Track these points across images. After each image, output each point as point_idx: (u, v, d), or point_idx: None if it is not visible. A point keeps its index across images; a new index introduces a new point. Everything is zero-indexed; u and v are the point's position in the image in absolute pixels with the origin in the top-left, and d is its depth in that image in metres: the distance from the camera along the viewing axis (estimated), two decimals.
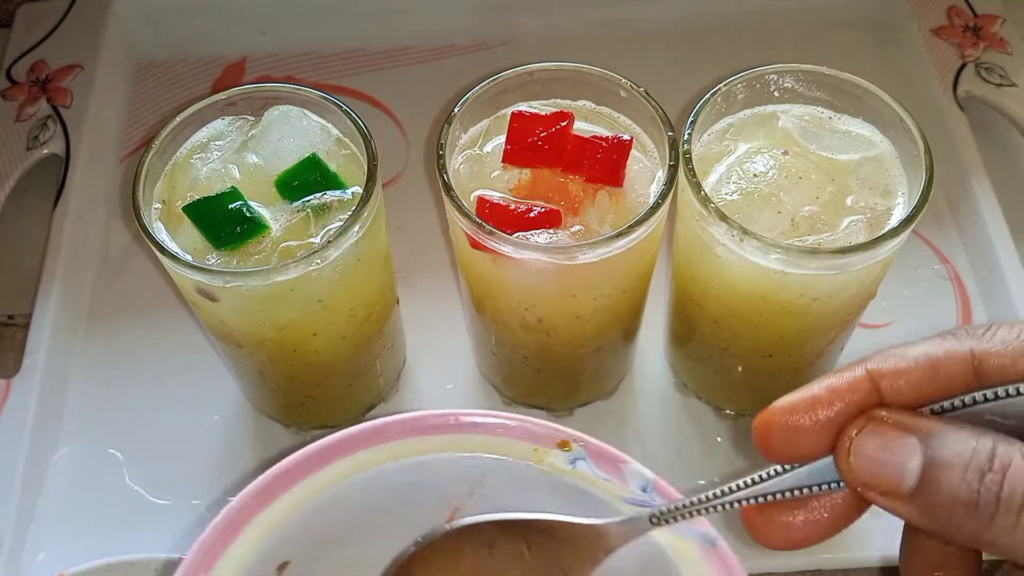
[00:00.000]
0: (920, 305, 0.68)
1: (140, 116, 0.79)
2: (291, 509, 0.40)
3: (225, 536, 0.39)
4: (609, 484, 0.41)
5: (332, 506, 0.41)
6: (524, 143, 0.50)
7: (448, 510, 0.44)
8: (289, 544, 0.40)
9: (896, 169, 0.51)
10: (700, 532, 0.39)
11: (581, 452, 0.42)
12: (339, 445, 0.41)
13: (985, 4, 0.79)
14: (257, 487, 0.40)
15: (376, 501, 0.42)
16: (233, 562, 0.39)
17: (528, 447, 0.42)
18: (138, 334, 0.68)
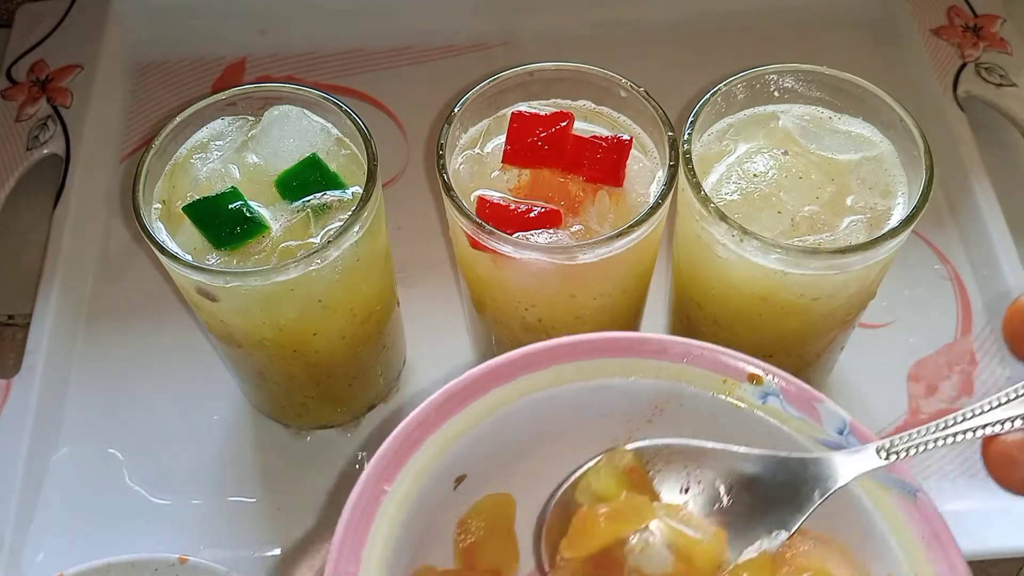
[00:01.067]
0: (920, 305, 0.68)
1: (140, 116, 0.79)
2: (472, 424, 0.40)
3: (406, 449, 0.39)
4: (802, 423, 0.40)
5: (510, 423, 0.41)
6: (524, 143, 0.50)
7: (624, 436, 0.43)
8: (467, 458, 0.40)
9: (896, 169, 0.51)
10: (901, 481, 0.38)
11: (773, 387, 0.40)
12: (522, 361, 0.41)
13: (985, 4, 0.79)
14: (438, 401, 0.40)
15: (553, 421, 0.41)
16: (414, 473, 0.38)
17: (717, 378, 0.41)
18: (138, 334, 0.68)
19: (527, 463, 0.42)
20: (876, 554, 0.38)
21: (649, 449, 0.41)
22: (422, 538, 0.39)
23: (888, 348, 0.66)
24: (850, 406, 0.63)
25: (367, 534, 0.36)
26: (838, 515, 0.39)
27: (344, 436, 0.64)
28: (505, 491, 0.43)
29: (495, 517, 0.43)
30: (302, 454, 0.63)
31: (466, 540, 0.42)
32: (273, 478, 0.62)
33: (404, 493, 0.38)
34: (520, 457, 0.42)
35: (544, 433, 0.42)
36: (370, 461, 0.38)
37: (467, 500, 0.42)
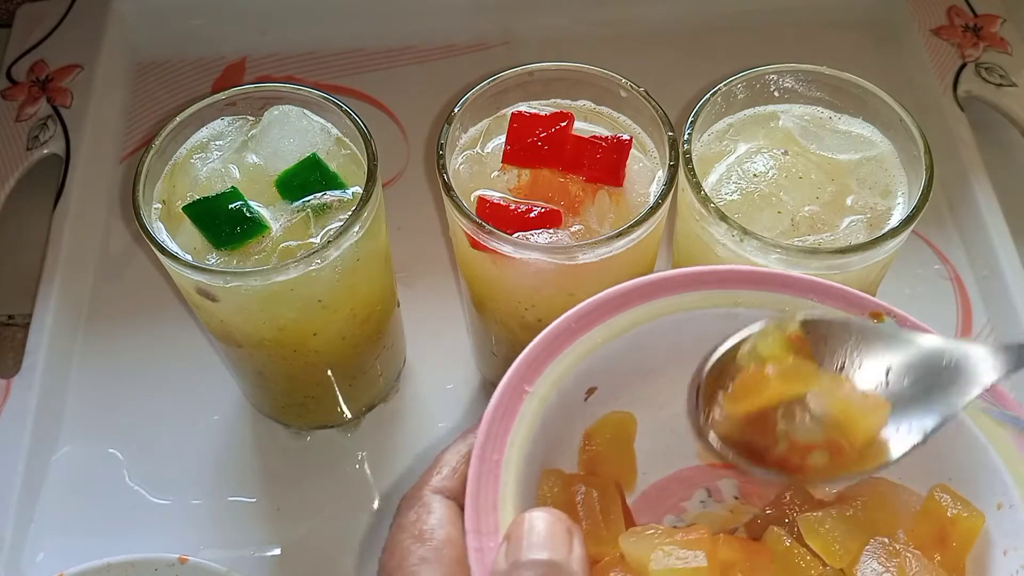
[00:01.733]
0: (920, 305, 0.68)
1: (140, 116, 0.79)
2: (610, 337, 0.41)
3: (547, 355, 0.40)
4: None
5: (644, 342, 0.42)
6: (524, 143, 0.50)
7: None
8: (601, 371, 0.42)
9: (896, 169, 0.51)
10: (1016, 418, 0.39)
11: (893, 326, 0.41)
12: (663, 284, 0.42)
13: (985, 4, 0.79)
14: (581, 311, 0.41)
15: (681, 345, 0.43)
16: (553, 379, 0.40)
17: (839, 314, 0.42)
18: (138, 334, 0.68)
19: (651, 385, 0.44)
20: (987, 484, 0.40)
21: (813, 322, 0.42)
22: (552, 443, 0.40)
23: None
24: None
25: (510, 427, 0.38)
26: (955, 447, 0.40)
27: (344, 436, 0.64)
28: (628, 410, 0.45)
29: (618, 433, 0.45)
30: (302, 454, 0.63)
31: (591, 451, 0.44)
32: (273, 478, 0.62)
33: (542, 396, 0.39)
34: (646, 378, 0.44)
35: (670, 356, 0.43)
36: (514, 362, 0.40)
37: (595, 413, 0.44)
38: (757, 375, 0.41)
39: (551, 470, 0.41)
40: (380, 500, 0.61)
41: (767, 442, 0.40)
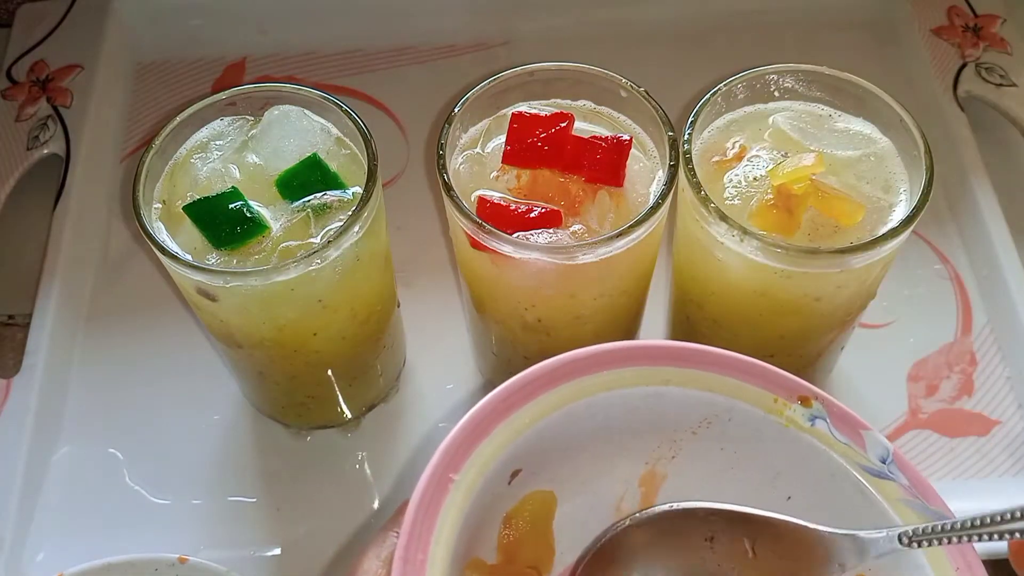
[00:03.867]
0: (920, 305, 0.68)
1: (140, 116, 0.79)
2: (537, 418, 0.40)
3: (473, 438, 0.39)
4: (847, 449, 0.40)
5: (570, 421, 0.41)
6: (524, 144, 0.50)
7: (669, 446, 0.43)
8: (526, 452, 0.40)
9: (897, 167, 0.51)
10: (939, 514, 0.38)
11: (821, 411, 0.40)
12: (590, 360, 0.41)
13: (985, 4, 0.79)
14: (505, 392, 0.40)
15: (607, 422, 0.42)
16: (479, 464, 0.38)
17: (769, 396, 0.41)
18: (138, 334, 0.68)
19: (574, 462, 0.43)
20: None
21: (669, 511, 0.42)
22: (475, 530, 0.39)
23: (888, 348, 0.66)
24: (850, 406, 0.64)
25: (434, 522, 0.36)
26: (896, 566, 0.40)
27: (344, 436, 0.64)
28: (549, 488, 0.44)
29: (537, 513, 0.43)
30: (302, 454, 0.63)
31: (509, 536, 0.42)
32: (273, 478, 0.62)
33: (468, 485, 0.38)
34: (569, 455, 0.43)
35: (596, 434, 0.42)
36: (439, 448, 0.38)
37: (516, 495, 0.42)
38: None
39: (473, 561, 0.40)
40: (380, 500, 0.61)
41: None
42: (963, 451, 0.62)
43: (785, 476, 0.42)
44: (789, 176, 0.48)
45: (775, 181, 0.49)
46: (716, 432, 0.42)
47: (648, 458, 0.44)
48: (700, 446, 0.43)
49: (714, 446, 0.42)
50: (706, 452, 0.43)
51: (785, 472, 0.42)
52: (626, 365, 0.41)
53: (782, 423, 0.41)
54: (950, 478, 0.61)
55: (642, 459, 0.44)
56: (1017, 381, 0.64)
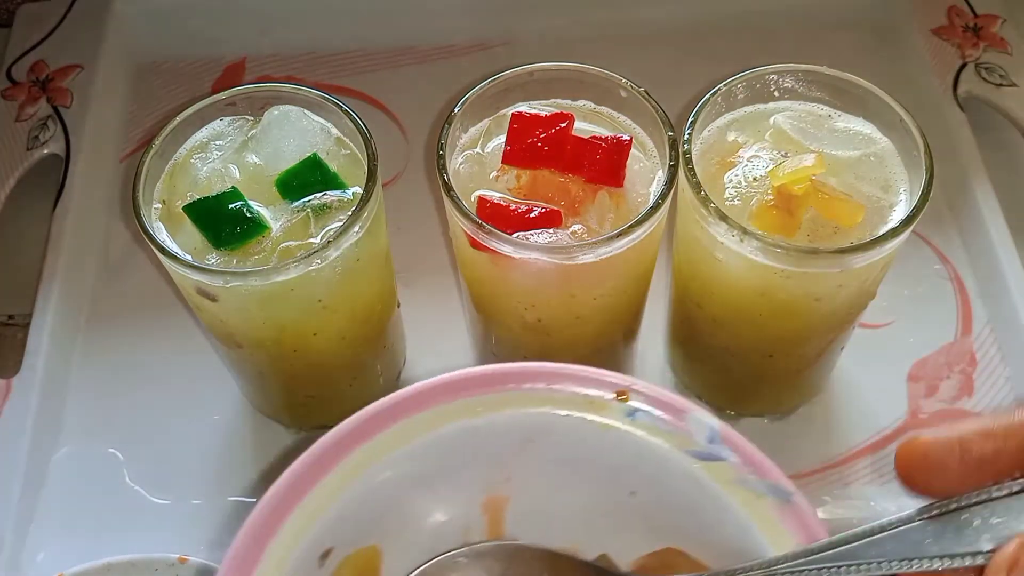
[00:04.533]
0: (920, 305, 0.68)
1: (140, 116, 0.79)
2: (328, 500, 0.37)
3: (261, 539, 0.37)
4: (672, 436, 0.38)
5: (372, 487, 0.39)
6: (524, 144, 0.50)
7: (500, 470, 0.41)
8: (331, 532, 0.38)
9: (897, 167, 0.51)
10: (774, 487, 0.37)
11: (641, 402, 0.39)
12: (375, 419, 0.38)
13: (985, 4, 0.79)
14: (303, 466, 0.37)
15: (418, 473, 0.40)
16: (274, 564, 0.36)
17: (582, 399, 0.39)
18: (138, 334, 0.68)
19: (394, 515, 0.41)
20: None
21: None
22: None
23: (888, 348, 0.66)
24: (850, 406, 0.64)
25: None
26: (714, 527, 0.38)
27: None
28: (372, 544, 0.41)
29: (361, 573, 0.41)
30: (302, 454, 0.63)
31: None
32: (273, 478, 0.61)
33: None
34: (386, 512, 0.40)
35: (413, 484, 0.40)
36: (223, 560, 0.36)
37: (331, 566, 0.39)
38: None
39: None
40: None
41: None
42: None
43: (622, 473, 0.41)
44: (789, 177, 0.48)
45: (775, 182, 0.49)
46: (542, 447, 0.41)
47: (484, 485, 0.42)
48: (531, 463, 0.41)
49: (545, 460, 0.41)
50: (539, 467, 0.41)
51: (621, 469, 0.40)
52: (425, 408, 0.39)
53: (602, 423, 0.39)
54: None
55: (477, 487, 0.42)
56: (1017, 381, 0.64)
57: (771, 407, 0.63)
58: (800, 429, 0.63)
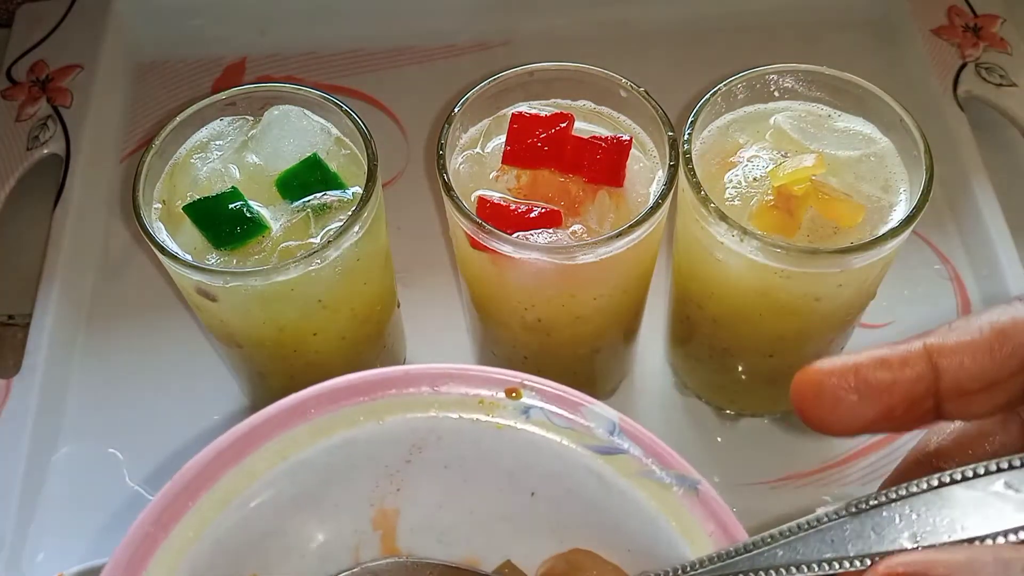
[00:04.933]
0: (920, 305, 0.68)
1: (140, 116, 0.79)
2: (201, 525, 0.35)
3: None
4: (570, 432, 0.37)
5: (241, 515, 0.36)
6: (524, 144, 0.50)
7: (388, 481, 0.39)
8: (204, 566, 0.35)
9: (897, 167, 0.51)
10: (681, 476, 0.35)
11: (534, 398, 0.37)
12: (243, 440, 0.36)
13: (985, 4, 0.79)
14: (165, 499, 0.34)
15: (299, 492, 0.37)
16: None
17: (473, 400, 0.37)
18: (138, 334, 0.68)
19: (275, 540, 0.38)
20: (665, 556, 0.35)
21: None
22: None
23: None
24: None
25: None
26: (621, 523, 0.37)
27: None
28: (254, 572, 0.39)
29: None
30: None
31: None
32: None
33: None
34: (266, 538, 0.38)
35: (290, 508, 0.38)
36: None
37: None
38: None
39: None
40: None
41: None
42: None
43: (520, 474, 0.39)
44: (790, 177, 0.48)
45: (775, 182, 0.49)
46: (431, 454, 0.39)
47: (372, 499, 0.40)
48: (421, 472, 0.39)
49: (436, 467, 0.39)
50: (431, 475, 0.39)
51: (518, 470, 0.39)
52: (301, 422, 0.37)
53: (495, 423, 0.37)
54: None
55: (365, 502, 0.40)
56: None
57: (771, 407, 0.63)
58: (800, 429, 0.63)
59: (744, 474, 0.61)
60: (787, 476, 0.61)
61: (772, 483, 0.61)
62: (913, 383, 0.29)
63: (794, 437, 0.63)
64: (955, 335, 0.29)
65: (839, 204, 0.48)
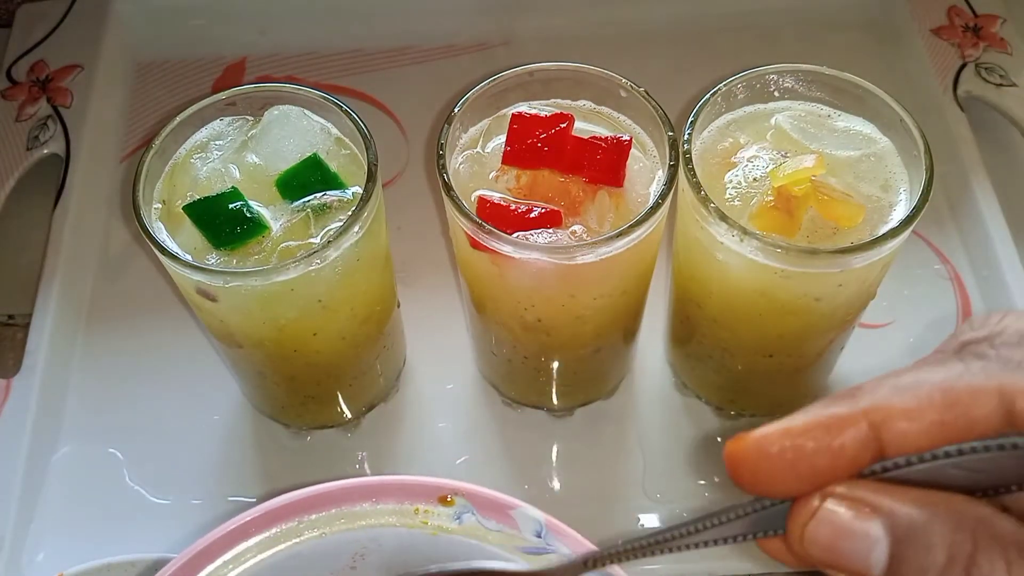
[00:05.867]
0: (920, 305, 0.68)
1: (140, 116, 0.79)
2: None
3: None
4: (501, 534, 0.39)
5: None
6: (524, 144, 0.50)
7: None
8: None
9: (897, 167, 0.51)
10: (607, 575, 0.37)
11: (466, 505, 0.40)
12: (189, 564, 0.37)
13: (985, 4, 0.79)
14: None
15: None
16: None
17: (408, 509, 0.40)
18: (138, 334, 0.68)
19: None
20: None
21: None
22: None
23: (888, 348, 0.66)
24: None
25: None
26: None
27: (344, 436, 0.64)
28: None
29: None
30: (302, 454, 0.63)
31: None
32: (273, 478, 0.62)
33: None
34: None
35: None
36: None
37: None
38: None
39: None
40: None
41: None
42: None
43: None
44: (790, 178, 0.48)
45: (776, 183, 0.49)
46: (373, 561, 0.41)
47: None
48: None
49: (379, 571, 0.41)
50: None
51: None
52: (239, 543, 0.38)
53: (429, 532, 0.40)
54: None
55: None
56: None
57: (771, 407, 0.63)
58: None
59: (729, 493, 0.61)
60: None
61: None
62: (852, 452, 0.27)
63: None
64: (900, 399, 0.27)
65: (839, 205, 0.48)
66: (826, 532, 0.26)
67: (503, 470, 0.62)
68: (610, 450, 0.63)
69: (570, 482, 0.62)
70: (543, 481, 0.62)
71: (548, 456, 0.63)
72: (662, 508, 0.60)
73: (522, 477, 0.62)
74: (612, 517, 0.60)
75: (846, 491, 0.26)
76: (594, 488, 0.61)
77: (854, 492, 0.26)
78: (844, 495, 0.26)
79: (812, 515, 0.27)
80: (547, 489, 0.61)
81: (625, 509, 0.60)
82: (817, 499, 0.27)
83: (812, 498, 0.27)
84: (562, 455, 0.63)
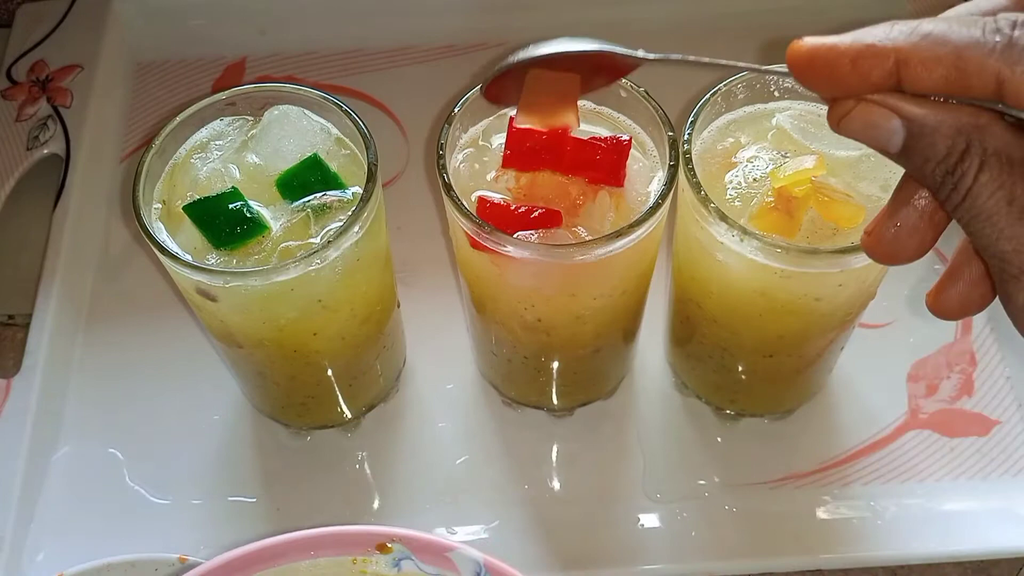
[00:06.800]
0: (920, 305, 0.67)
1: (140, 116, 0.79)
2: None
3: None
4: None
5: None
6: (524, 145, 0.50)
7: None
8: None
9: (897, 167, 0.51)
10: None
11: (403, 551, 0.40)
12: None
13: None
14: None
15: None
16: None
17: (346, 560, 0.40)
18: (138, 334, 0.68)
19: None
20: None
21: None
22: None
23: (888, 348, 0.66)
24: (850, 406, 0.64)
25: None
26: None
27: (344, 436, 0.64)
28: None
29: None
30: (302, 454, 0.63)
31: None
32: (273, 478, 0.62)
33: None
34: None
35: None
36: None
37: None
38: None
39: None
40: (380, 500, 0.61)
41: None
42: (963, 451, 0.62)
43: None
44: (790, 179, 0.48)
45: (776, 184, 0.49)
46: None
47: None
48: None
49: None
50: None
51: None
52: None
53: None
54: (950, 478, 0.61)
55: None
56: (1017, 381, 0.64)
57: (771, 407, 0.63)
58: (800, 429, 0.63)
59: (744, 474, 0.61)
60: (787, 476, 0.61)
61: (772, 483, 0.61)
62: (876, 80, 0.35)
63: (794, 437, 0.63)
64: (925, 47, 0.33)
65: (839, 206, 0.48)
66: (857, 126, 0.35)
67: (503, 470, 0.62)
68: (610, 450, 0.63)
69: (570, 482, 0.62)
70: (543, 481, 0.62)
71: (548, 456, 0.63)
72: (662, 508, 0.60)
73: (522, 477, 0.62)
74: (612, 517, 0.60)
75: (878, 98, 0.34)
76: (594, 488, 0.61)
77: (884, 99, 0.34)
78: (875, 100, 0.35)
79: (847, 113, 0.35)
80: (547, 489, 0.61)
81: (625, 509, 0.60)
82: (852, 101, 0.35)
83: (848, 101, 0.35)
84: (562, 455, 0.63)
